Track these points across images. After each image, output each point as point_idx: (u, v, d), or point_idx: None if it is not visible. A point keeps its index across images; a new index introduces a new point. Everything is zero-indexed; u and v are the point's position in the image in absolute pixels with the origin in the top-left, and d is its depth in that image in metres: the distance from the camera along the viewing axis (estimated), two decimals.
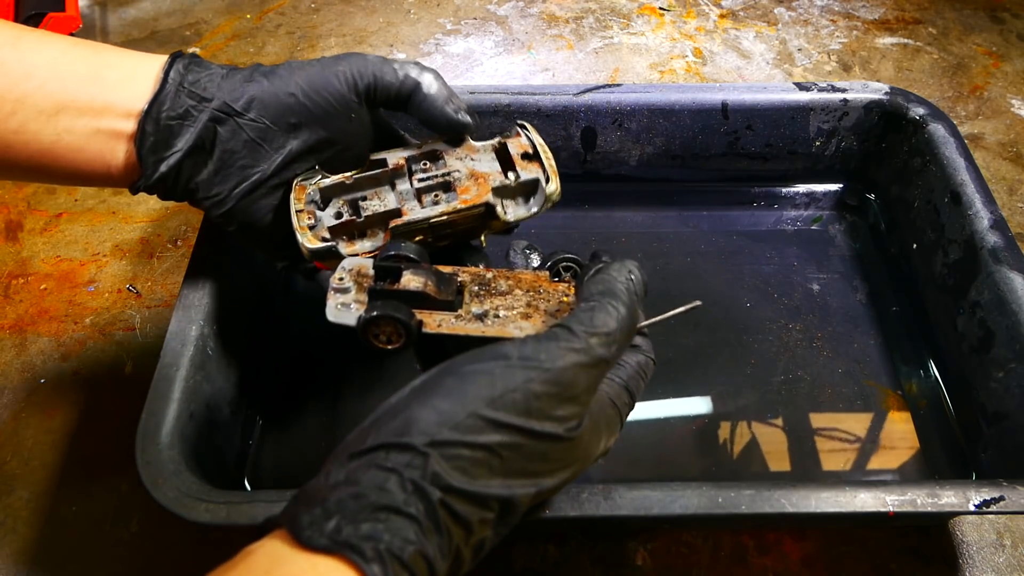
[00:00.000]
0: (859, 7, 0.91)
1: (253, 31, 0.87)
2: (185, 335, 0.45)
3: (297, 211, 0.40)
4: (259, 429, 0.51)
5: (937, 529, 0.49)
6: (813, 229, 0.64)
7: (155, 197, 0.68)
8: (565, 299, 0.38)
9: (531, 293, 0.39)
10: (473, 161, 0.43)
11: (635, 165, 0.64)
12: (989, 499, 0.38)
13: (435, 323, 0.36)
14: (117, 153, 0.39)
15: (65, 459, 0.52)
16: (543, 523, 0.42)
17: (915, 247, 0.58)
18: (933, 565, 0.48)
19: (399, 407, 0.30)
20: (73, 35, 0.78)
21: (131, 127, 0.38)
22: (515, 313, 0.37)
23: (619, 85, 0.61)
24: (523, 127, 0.44)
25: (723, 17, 0.89)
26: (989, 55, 0.84)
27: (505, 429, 0.29)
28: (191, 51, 0.41)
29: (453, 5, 0.91)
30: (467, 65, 0.83)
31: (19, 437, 0.53)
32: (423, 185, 0.41)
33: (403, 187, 0.42)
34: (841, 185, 0.66)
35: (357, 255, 0.40)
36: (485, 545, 0.30)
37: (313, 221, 0.41)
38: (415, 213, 0.41)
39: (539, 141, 0.43)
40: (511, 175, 0.42)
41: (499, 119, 0.60)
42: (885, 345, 0.56)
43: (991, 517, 0.50)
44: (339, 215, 0.41)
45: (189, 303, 0.46)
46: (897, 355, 0.56)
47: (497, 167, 0.42)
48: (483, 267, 0.41)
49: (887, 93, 0.60)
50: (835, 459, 0.50)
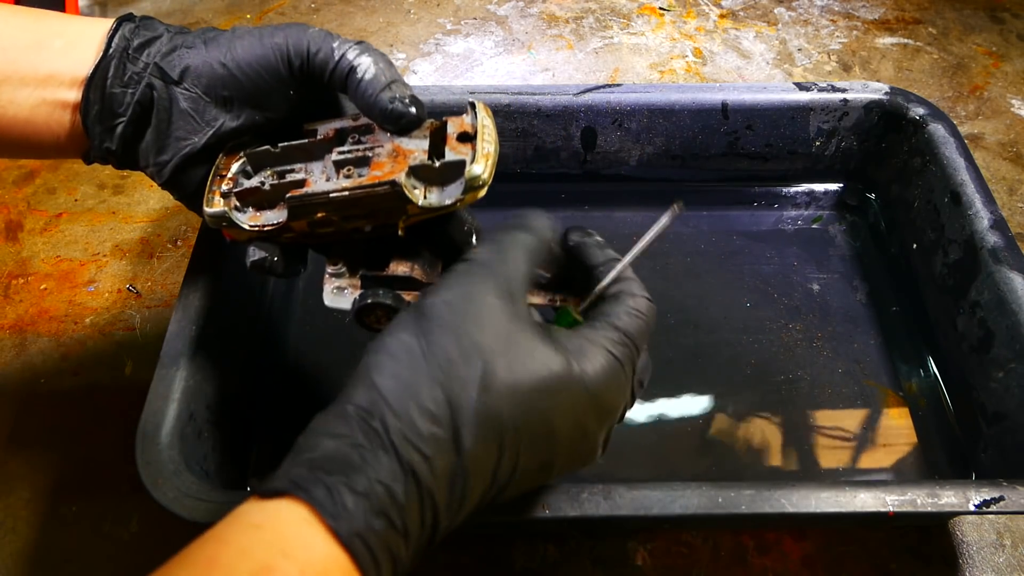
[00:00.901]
0: (859, 7, 0.91)
1: None
2: (185, 335, 0.45)
3: (216, 176, 0.39)
4: (259, 429, 0.51)
5: (937, 529, 0.49)
6: (813, 229, 0.64)
7: (155, 197, 0.68)
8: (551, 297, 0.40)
9: None
10: (404, 138, 0.39)
11: (635, 165, 0.64)
12: (989, 499, 0.38)
13: None
14: (64, 123, 0.38)
15: (65, 459, 0.52)
16: (543, 523, 0.42)
17: (915, 247, 0.58)
18: (933, 565, 0.48)
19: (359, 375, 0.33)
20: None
21: (76, 96, 0.38)
22: None
23: (619, 85, 0.61)
24: (473, 106, 0.40)
25: (723, 17, 0.89)
26: (989, 55, 0.84)
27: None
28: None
29: (453, 5, 0.91)
30: (467, 65, 0.83)
31: (19, 437, 0.53)
32: (341, 158, 0.38)
33: (328, 159, 0.39)
34: (841, 185, 0.66)
35: (259, 226, 0.38)
36: (457, 473, 0.30)
37: (231, 188, 0.39)
38: (316, 187, 0.37)
39: (484, 122, 0.38)
40: (436, 155, 0.38)
41: (499, 119, 0.60)
42: (885, 345, 0.56)
43: (991, 517, 0.50)
44: (260, 184, 0.39)
45: (189, 303, 0.46)
46: (897, 355, 0.56)
47: (425, 146, 0.38)
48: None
49: (887, 93, 0.60)
50: (835, 459, 0.50)
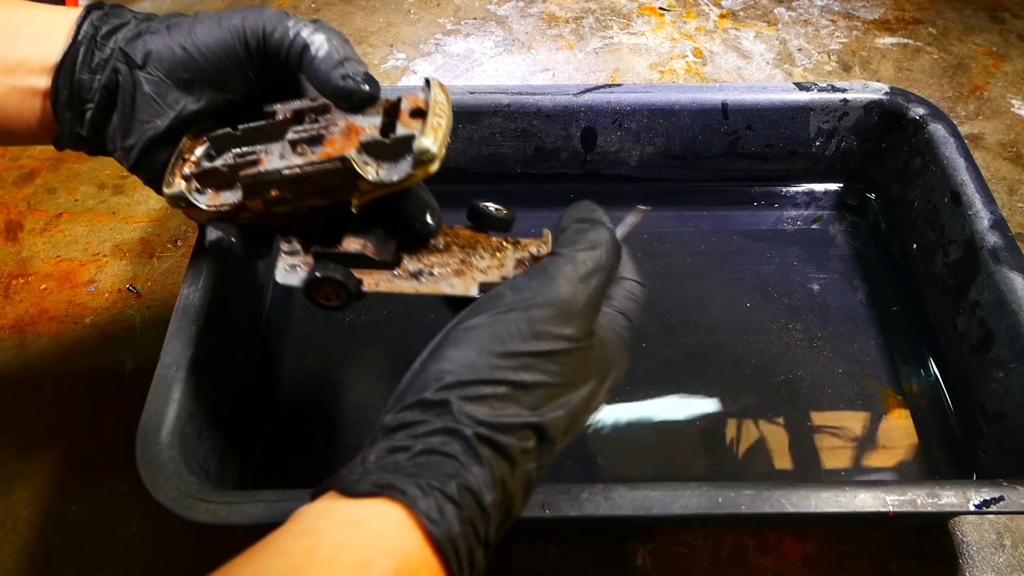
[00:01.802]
0: (859, 7, 0.91)
1: None
2: (185, 335, 0.45)
3: (179, 159, 0.39)
4: (259, 429, 0.51)
5: (937, 529, 0.49)
6: (813, 229, 0.64)
7: (155, 197, 0.68)
8: (499, 254, 0.41)
9: (466, 250, 0.41)
10: (357, 116, 0.39)
11: (635, 165, 0.64)
12: (989, 499, 0.38)
13: (373, 282, 0.39)
14: (35, 109, 0.39)
15: (65, 459, 0.52)
16: (543, 523, 0.42)
17: (915, 247, 0.58)
18: (933, 565, 0.48)
19: (417, 371, 0.32)
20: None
21: (45, 83, 0.38)
22: (448, 270, 0.40)
23: (619, 85, 0.61)
24: (428, 82, 0.39)
25: (723, 17, 0.89)
26: (989, 55, 0.84)
27: (517, 357, 0.31)
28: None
29: (453, 5, 0.91)
30: (467, 65, 0.83)
31: (20, 437, 0.53)
32: (296, 137, 0.38)
33: (282, 137, 0.39)
34: (841, 185, 0.66)
35: (215, 206, 0.39)
36: (532, 479, 0.32)
37: (192, 171, 0.39)
38: (269, 165, 0.38)
39: (437, 98, 0.38)
40: (388, 131, 0.38)
41: (499, 119, 0.60)
42: (885, 345, 0.56)
43: (991, 517, 0.50)
44: (222, 166, 0.39)
45: (189, 303, 0.46)
46: (897, 355, 0.56)
47: (378, 122, 0.38)
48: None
49: (887, 93, 0.60)
50: (835, 459, 0.50)
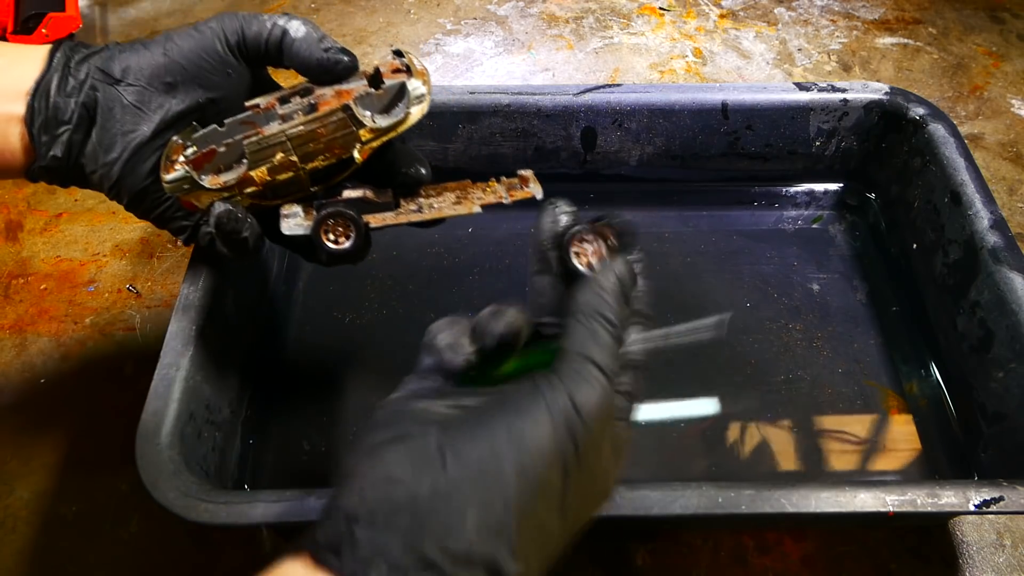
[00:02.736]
0: (859, 7, 0.91)
1: None
2: (185, 335, 0.45)
3: (167, 161, 0.40)
4: (259, 429, 0.51)
5: (937, 529, 0.49)
6: (813, 229, 0.64)
7: None
8: (488, 188, 0.43)
9: (458, 190, 0.43)
10: (341, 85, 0.41)
11: (635, 165, 0.64)
12: (989, 499, 0.38)
13: (380, 219, 0.41)
14: (11, 137, 0.39)
15: (65, 459, 0.52)
16: None
17: (915, 247, 0.58)
18: (933, 565, 0.48)
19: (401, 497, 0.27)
20: (73, 35, 0.78)
21: (21, 109, 0.39)
22: (448, 201, 0.42)
23: (619, 85, 0.61)
24: (399, 54, 0.42)
25: (723, 17, 0.89)
26: (989, 55, 0.84)
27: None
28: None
29: (453, 5, 0.91)
30: (467, 65, 0.83)
31: (19, 437, 0.53)
32: (287, 111, 0.40)
33: (270, 117, 0.41)
34: (841, 185, 0.66)
35: (220, 183, 0.40)
36: None
37: (188, 156, 0.40)
38: (271, 130, 0.40)
39: (413, 60, 0.41)
40: (378, 86, 0.40)
41: (499, 119, 0.60)
42: (885, 345, 0.56)
43: (991, 517, 0.50)
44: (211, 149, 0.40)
45: (189, 303, 0.46)
46: (897, 355, 0.56)
47: (364, 83, 0.41)
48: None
49: (887, 93, 0.60)
50: (835, 459, 0.50)
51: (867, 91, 0.61)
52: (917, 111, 0.59)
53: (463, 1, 0.91)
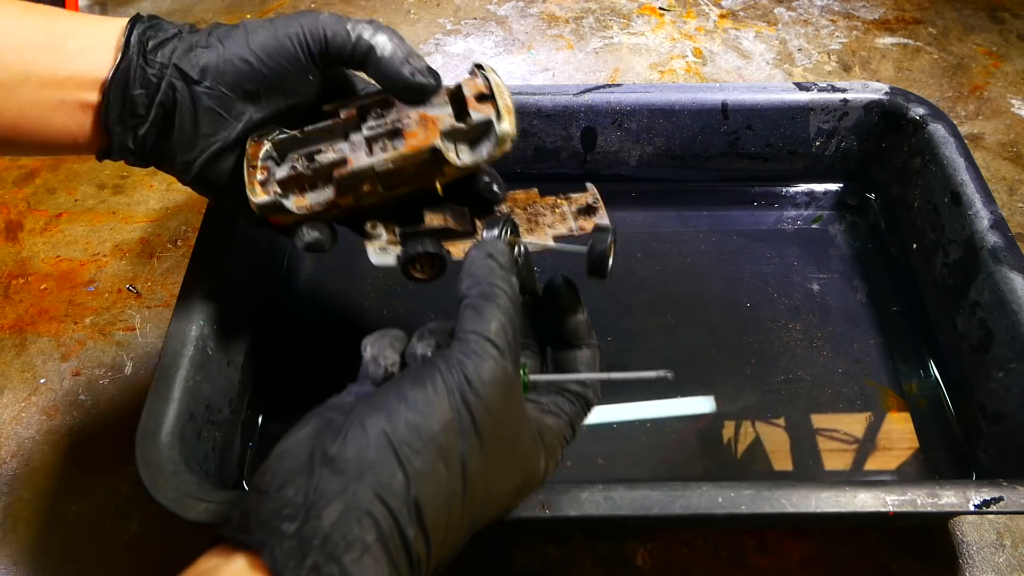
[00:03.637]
0: (859, 7, 0.91)
1: None
2: (185, 335, 0.45)
3: (250, 167, 0.40)
4: (259, 429, 0.51)
5: (937, 529, 0.49)
6: (813, 229, 0.64)
7: (155, 197, 0.68)
8: (557, 210, 0.44)
9: (528, 210, 0.44)
10: (425, 107, 0.41)
11: (635, 165, 0.64)
12: (989, 499, 0.38)
13: (460, 250, 0.42)
14: (83, 124, 0.39)
15: (65, 459, 0.52)
16: (543, 523, 0.42)
17: (915, 247, 0.58)
18: (933, 565, 0.48)
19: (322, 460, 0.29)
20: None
21: (95, 98, 0.38)
22: (522, 225, 0.43)
23: (619, 85, 0.61)
24: (480, 68, 0.42)
25: (723, 17, 0.89)
26: (989, 55, 0.84)
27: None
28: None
29: (453, 5, 0.91)
30: (467, 65, 0.83)
31: (19, 437, 0.53)
32: (372, 134, 0.40)
33: (356, 137, 0.41)
34: (841, 185, 0.66)
35: (306, 207, 0.40)
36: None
37: (265, 176, 0.40)
38: (360, 163, 0.40)
39: (496, 80, 0.41)
40: (462, 117, 0.40)
41: None
42: (885, 345, 0.56)
43: (991, 517, 0.50)
44: (294, 169, 0.40)
45: (189, 303, 0.46)
46: (897, 355, 0.56)
47: (449, 111, 0.41)
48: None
49: (887, 93, 0.60)
50: (835, 459, 0.50)
51: (867, 91, 0.61)
52: (917, 111, 0.59)
53: (463, 1, 0.91)
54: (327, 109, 0.41)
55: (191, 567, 0.28)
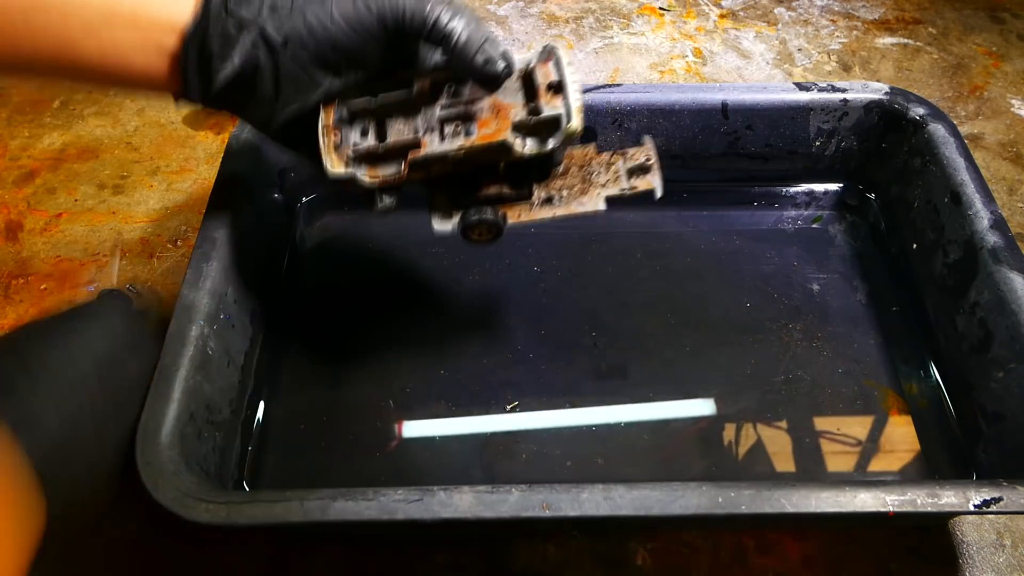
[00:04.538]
0: (859, 7, 0.91)
1: None
2: (185, 335, 0.45)
3: (324, 135, 0.42)
4: (259, 429, 0.51)
5: (937, 529, 0.49)
6: (813, 229, 0.64)
7: (155, 197, 0.68)
8: (612, 167, 0.46)
9: (583, 169, 0.46)
10: (498, 93, 0.42)
11: None
12: (989, 499, 0.38)
13: (516, 214, 0.45)
14: (161, 67, 0.40)
15: None
16: (543, 523, 0.42)
17: (915, 247, 0.58)
18: (933, 565, 0.48)
19: None
20: None
21: (174, 43, 0.39)
22: (575, 191, 0.46)
23: (619, 85, 0.61)
24: (554, 53, 0.43)
25: (723, 17, 0.89)
26: (989, 55, 0.84)
27: None
28: None
29: None
30: None
31: None
32: (445, 114, 0.42)
33: (428, 112, 0.42)
34: (841, 185, 0.66)
35: (378, 179, 0.42)
36: None
37: (338, 139, 0.42)
38: (432, 147, 0.41)
39: (566, 72, 0.42)
40: (533, 107, 0.42)
41: None
42: (885, 345, 0.56)
43: (991, 517, 0.50)
44: (364, 131, 0.42)
45: (189, 303, 0.46)
46: (897, 355, 0.56)
47: (521, 99, 0.42)
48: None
49: (887, 93, 0.60)
50: (835, 459, 0.50)
51: (867, 91, 0.61)
52: (917, 111, 0.59)
53: (463, 1, 0.91)
54: (400, 77, 0.43)
55: None
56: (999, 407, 0.48)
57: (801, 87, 0.61)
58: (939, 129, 0.57)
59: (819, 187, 0.66)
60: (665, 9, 0.90)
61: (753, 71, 0.82)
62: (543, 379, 0.54)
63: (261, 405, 0.52)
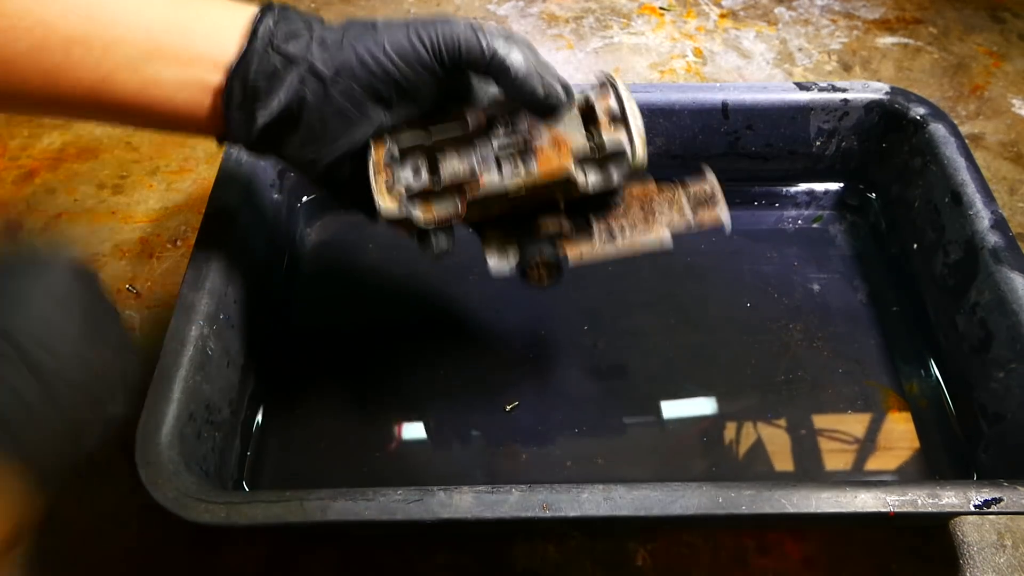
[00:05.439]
0: (859, 7, 0.91)
1: None
2: (185, 335, 0.45)
3: (376, 172, 0.40)
4: (259, 429, 0.51)
5: (938, 529, 0.49)
6: (813, 229, 0.64)
7: (155, 197, 0.68)
8: (675, 204, 0.45)
9: (643, 202, 0.45)
10: (557, 125, 0.41)
11: None
12: (990, 499, 0.38)
13: (577, 254, 0.43)
14: (204, 105, 0.38)
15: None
16: (543, 523, 0.42)
17: (915, 247, 0.58)
18: (933, 565, 0.48)
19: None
20: None
21: (219, 80, 0.38)
22: (637, 226, 0.44)
23: None
24: (612, 82, 0.42)
25: (723, 17, 0.89)
26: (990, 55, 0.84)
27: None
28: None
29: (453, 5, 0.91)
30: None
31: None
32: (502, 148, 0.40)
33: (483, 146, 0.41)
34: (841, 185, 0.66)
35: (433, 219, 0.40)
36: None
37: (390, 179, 0.40)
38: (491, 184, 0.40)
39: (628, 102, 0.41)
40: (595, 139, 0.40)
41: None
42: (885, 345, 0.56)
43: (992, 517, 0.50)
44: (416, 170, 0.40)
45: (189, 303, 0.46)
46: (897, 355, 0.56)
47: (581, 131, 0.41)
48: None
49: (887, 93, 0.60)
50: (836, 459, 0.50)
51: (867, 91, 0.61)
52: (918, 111, 0.59)
53: (463, 1, 0.91)
54: (456, 113, 0.41)
55: None
56: (1000, 407, 0.47)
57: (801, 87, 0.61)
58: (940, 129, 0.57)
59: (819, 187, 0.66)
60: (665, 9, 0.90)
61: (753, 71, 0.82)
62: (543, 379, 0.54)
63: (261, 405, 0.52)
